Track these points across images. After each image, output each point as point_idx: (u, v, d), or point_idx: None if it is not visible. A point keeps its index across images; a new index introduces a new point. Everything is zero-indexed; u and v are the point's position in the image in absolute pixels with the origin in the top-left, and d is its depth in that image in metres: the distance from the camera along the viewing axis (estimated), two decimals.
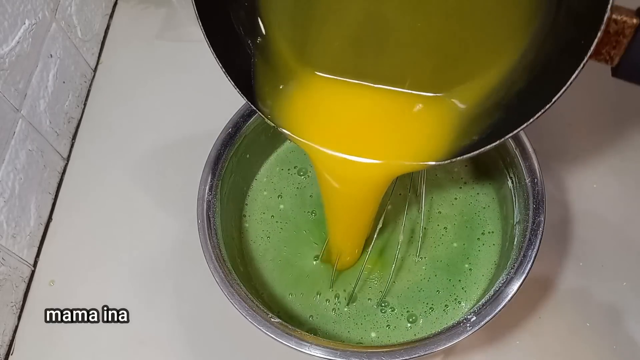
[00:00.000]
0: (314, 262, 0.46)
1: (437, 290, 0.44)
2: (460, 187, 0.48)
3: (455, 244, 0.45)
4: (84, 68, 0.62)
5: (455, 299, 0.43)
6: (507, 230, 0.44)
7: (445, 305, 0.43)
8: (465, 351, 0.44)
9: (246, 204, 0.49)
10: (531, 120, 0.29)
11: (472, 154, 0.33)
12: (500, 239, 0.45)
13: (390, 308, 0.43)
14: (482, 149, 0.32)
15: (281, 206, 0.49)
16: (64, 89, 0.58)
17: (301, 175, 0.50)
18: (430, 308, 0.43)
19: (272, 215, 0.48)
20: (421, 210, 0.46)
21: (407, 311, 0.43)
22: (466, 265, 0.44)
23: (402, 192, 0.47)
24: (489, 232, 0.46)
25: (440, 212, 0.47)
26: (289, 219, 0.48)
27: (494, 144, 0.32)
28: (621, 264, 0.47)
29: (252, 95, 0.37)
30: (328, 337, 0.42)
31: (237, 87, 0.36)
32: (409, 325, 0.42)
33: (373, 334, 0.42)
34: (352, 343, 0.42)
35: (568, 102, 0.54)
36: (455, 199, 0.47)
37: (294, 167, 0.50)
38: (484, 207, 0.47)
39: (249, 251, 0.47)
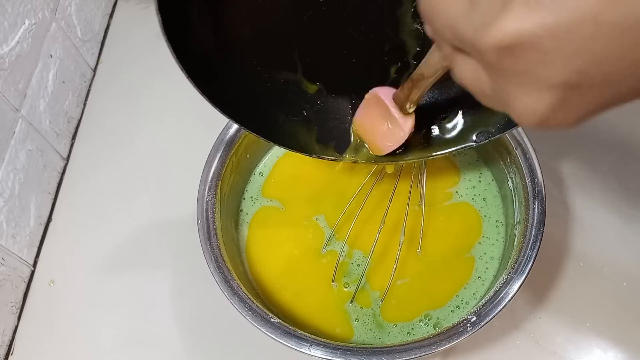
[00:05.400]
0: (315, 262, 0.46)
1: (440, 289, 0.44)
2: (471, 183, 0.48)
3: (458, 241, 0.45)
4: (83, 68, 0.62)
5: (462, 299, 0.43)
6: (507, 230, 0.44)
7: (457, 306, 0.43)
8: (465, 351, 0.44)
9: (246, 204, 0.49)
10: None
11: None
12: (504, 235, 0.45)
13: (394, 306, 0.43)
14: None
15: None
16: (63, 89, 0.58)
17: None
18: (436, 308, 0.43)
19: (272, 215, 0.48)
20: (422, 206, 0.46)
21: (411, 310, 0.43)
22: (472, 262, 0.44)
23: (404, 190, 0.47)
24: (500, 224, 0.45)
25: (442, 209, 0.47)
26: (289, 219, 0.48)
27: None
28: (621, 264, 0.47)
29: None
30: (328, 336, 0.42)
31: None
32: (413, 325, 0.42)
33: (375, 334, 0.42)
34: (352, 343, 0.42)
35: None
36: (462, 194, 0.47)
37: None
38: (491, 197, 0.47)
39: (249, 251, 0.47)
